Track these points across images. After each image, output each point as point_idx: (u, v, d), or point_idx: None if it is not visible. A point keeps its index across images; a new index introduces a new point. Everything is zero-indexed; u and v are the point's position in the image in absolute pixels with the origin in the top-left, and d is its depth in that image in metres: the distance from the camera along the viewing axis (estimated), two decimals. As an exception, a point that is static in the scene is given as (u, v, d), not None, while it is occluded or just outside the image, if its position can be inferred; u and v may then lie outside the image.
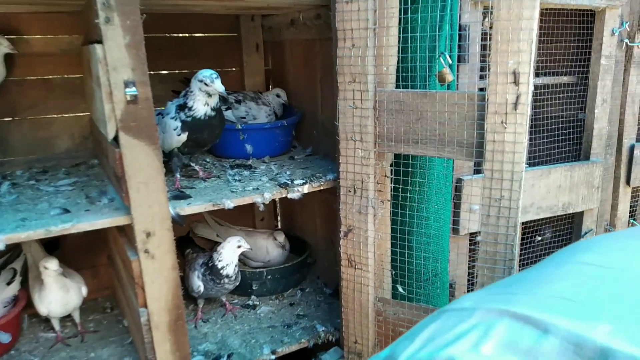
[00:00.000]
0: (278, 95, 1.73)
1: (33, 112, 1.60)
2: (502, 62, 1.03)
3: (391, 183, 1.31)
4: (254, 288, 1.72)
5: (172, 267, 1.18)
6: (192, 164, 1.47)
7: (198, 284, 1.49)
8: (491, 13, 1.02)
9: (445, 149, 1.16)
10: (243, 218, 2.02)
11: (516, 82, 1.02)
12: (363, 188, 1.29)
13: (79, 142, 1.68)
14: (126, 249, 1.21)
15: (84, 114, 1.67)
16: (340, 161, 1.31)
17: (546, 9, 1.54)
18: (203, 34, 1.81)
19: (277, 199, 2.08)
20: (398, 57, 1.26)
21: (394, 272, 1.37)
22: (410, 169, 1.33)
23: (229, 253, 1.49)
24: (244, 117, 1.67)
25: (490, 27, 1.03)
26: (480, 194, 1.13)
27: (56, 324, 1.50)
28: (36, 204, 1.24)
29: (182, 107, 1.31)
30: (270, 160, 1.64)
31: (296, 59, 1.77)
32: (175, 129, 1.30)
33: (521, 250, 1.69)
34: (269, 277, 1.72)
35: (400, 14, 1.21)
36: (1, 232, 1.05)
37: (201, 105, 1.30)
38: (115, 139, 1.10)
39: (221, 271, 1.48)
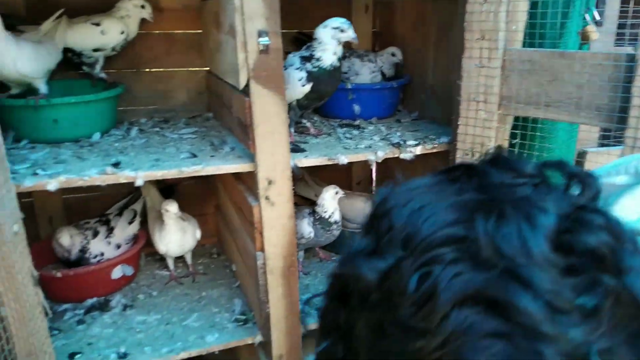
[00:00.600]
0: (393, 54, 1.70)
1: (155, 65, 1.69)
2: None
3: (511, 147, 1.27)
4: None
5: (289, 215, 1.22)
6: (304, 121, 1.49)
7: (309, 230, 1.53)
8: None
9: (580, 114, 1.09)
10: (339, 181, 2.03)
11: None
12: (482, 152, 1.25)
13: (194, 97, 1.77)
14: (246, 196, 1.27)
15: (201, 69, 1.74)
16: (459, 123, 1.27)
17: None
18: (315, -7, 1.82)
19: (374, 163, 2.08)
20: (531, 13, 1.19)
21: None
22: (529, 133, 1.27)
23: (330, 201, 1.54)
24: (346, 73, 1.66)
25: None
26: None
27: (171, 264, 1.62)
28: (164, 148, 1.32)
29: (307, 59, 1.33)
30: (378, 121, 1.63)
31: (407, 20, 1.72)
32: (300, 80, 1.32)
33: None
34: (367, 238, 1.73)
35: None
36: (139, 170, 1.13)
37: (330, 54, 1.31)
38: (245, 88, 1.14)
39: (329, 219, 1.52)
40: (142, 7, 1.50)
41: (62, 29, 1.38)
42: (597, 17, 1.14)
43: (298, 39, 1.70)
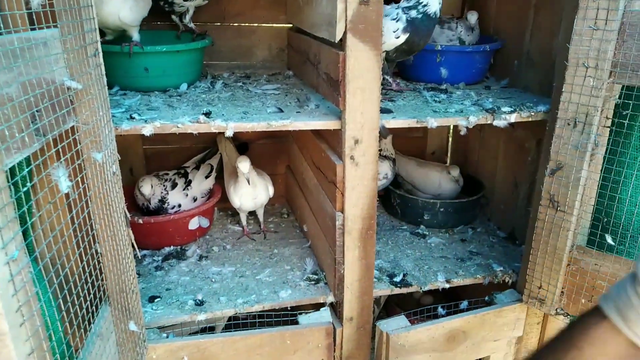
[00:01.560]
0: (467, 19, 1.60)
1: (238, 20, 1.68)
2: None
3: (615, 119, 1.16)
4: (425, 218, 1.69)
5: (372, 177, 1.19)
6: (387, 77, 1.43)
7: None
8: None
9: None
10: (413, 151, 1.98)
11: None
12: (587, 122, 1.15)
13: (275, 54, 1.75)
14: (329, 154, 1.24)
15: (283, 25, 1.71)
16: (563, 90, 1.17)
17: None
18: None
19: (451, 132, 2.00)
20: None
21: (604, 220, 1.23)
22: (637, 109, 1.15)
23: (390, 146, 1.67)
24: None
25: None
26: None
27: (243, 219, 1.64)
28: (250, 102, 1.31)
29: (411, 7, 1.29)
30: (465, 87, 1.55)
31: (505, -21, 1.61)
32: (395, 31, 1.27)
33: None
34: (442, 209, 1.68)
35: None
36: (230, 120, 1.13)
37: (436, 2, 1.26)
38: (340, 42, 1.09)
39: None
40: None
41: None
42: None
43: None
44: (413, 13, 1.27)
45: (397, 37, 1.27)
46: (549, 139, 1.23)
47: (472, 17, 1.61)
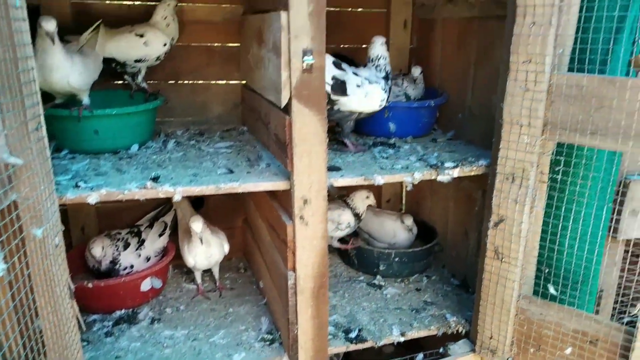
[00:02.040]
0: (415, 73, 1.69)
1: (193, 77, 1.71)
2: None
3: (550, 174, 1.23)
4: (380, 268, 1.71)
5: (322, 235, 1.21)
6: (346, 139, 1.47)
7: (350, 219, 1.68)
8: None
9: (629, 142, 1.05)
10: (369, 197, 2.01)
11: None
12: (524, 177, 1.21)
13: (230, 109, 1.77)
14: (280, 214, 1.26)
15: (237, 82, 1.75)
16: (500, 146, 1.24)
17: None
18: (353, 9, 1.81)
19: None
20: (577, 37, 1.15)
21: (546, 270, 1.28)
22: (573, 160, 1.23)
23: (360, 202, 1.69)
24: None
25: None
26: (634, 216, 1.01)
27: (198, 277, 1.61)
28: (201, 162, 1.32)
29: (386, 77, 1.43)
30: (413, 140, 1.61)
31: (447, 38, 1.70)
32: (381, 100, 1.40)
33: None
34: (397, 259, 1.70)
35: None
36: (178, 185, 1.13)
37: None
38: (286, 107, 1.13)
39: (360, 216, 1.69)
40: (168, 5, 1.50)
41: (102, 39, 1.40)
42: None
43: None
44: (390, 83, 1.43)
45: (381, 106, 1.39)
46: (490, 193, 1.29)
47: (416, 71, 1.69)
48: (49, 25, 1.13)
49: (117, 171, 1.21)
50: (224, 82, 1.74)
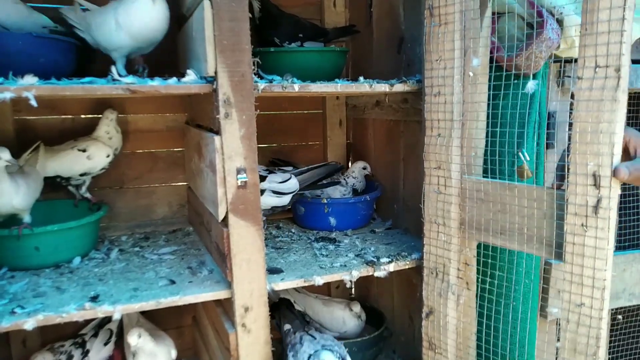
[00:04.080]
0: (364, 168, 1.80)
1: (137, 182, 1.76)
2: (581, 163, 0.98)
3: (479, 265, 1.32)
4: (331, 360, 1.72)
5: (265, 341, 1.24)
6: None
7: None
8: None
9: (528, 244, 1.13)
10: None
11: (597, 185, 0.96)
12: (444, 272, 1.30)
13: (176, 210, 1.82)
14: (222, 321, 1.28)
15: (182, 184, 1.81)
16: (424, 242, 1.33)
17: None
18: (291, 112, 1.95)
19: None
20: (487, 140, 1.29)
21: (481, 358, 1.34)
22: (499, 251, 1.33)
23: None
24: (319, 196, 1.74)
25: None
26: (559, 297, 1.08)
27: (146, 385, 1.57)
28: (144, 272, 1.35)
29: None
30: (353, 233, 1.69)
31: (378, 136, 1.85)
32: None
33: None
34: (347, 349, 1.72)
35: (488, 101, 1.25)
36: (117, 303, 1.14)
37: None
38: (224, 219, 1.19)
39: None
40: (109, 116, 1.57)
41: (42, 159, 1.45)
42: (527, 158, 1.25)
43: (274, 162, 1.82)
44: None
45: None
46: (421, 285, 1.36)
47: (368, 167, 1.80)
48: (6, 155, 1.19)
49: (56, 290, 1.22)
50: (168, 184, 1.80)
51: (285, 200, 1.57)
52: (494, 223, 1.19)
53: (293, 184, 1.58)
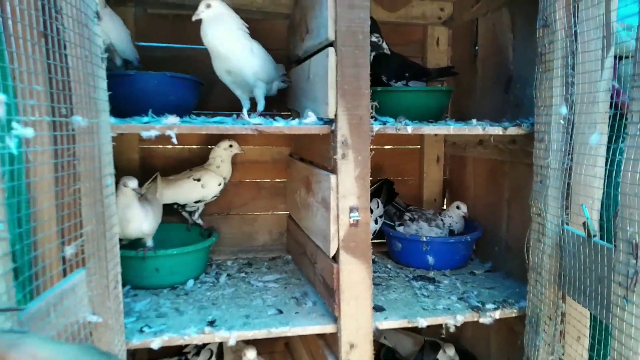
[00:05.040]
0: (458, 207, 1.77)
1: (243, 210, 1.86)
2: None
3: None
4: (424, 402, 1.69)
5: (369, 379, 1.24)
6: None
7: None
8: None
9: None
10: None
11: (634, 255, 0.86)
12: (537, 323, 1.24)
13: (276, 238, 1.89)
14: (326, 355, 1.30)
15: (283, 213, 1.88)
16: (528, 290, 1.28)
17: None
18: (389, 146, 1.97)
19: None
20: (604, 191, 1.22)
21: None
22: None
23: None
24: (417, 233, 1.73)
25: None
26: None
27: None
28: (252, 299, 1.41)
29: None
30: (451, 273, 1.66)
31: (479, 175, 1.82)
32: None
33: None
34: (440, 393, 1.68)
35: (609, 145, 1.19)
36: (233, 329, 1.20)
37: None
38: (334, 255, 1.23)
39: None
40: (231, 146, 1.67)
41: (160, 188, 1.57)
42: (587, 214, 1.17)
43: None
44: None
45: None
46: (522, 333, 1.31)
47: (464, 207, 1.75)
48: (134, 183, 1.32)
49: (175, 312, 1.31)
50: (270, 212, 1.88)
51: (376, 226, 1.61)
52: (578, 280, 1.09)
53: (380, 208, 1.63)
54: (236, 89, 1.42)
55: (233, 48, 1.30)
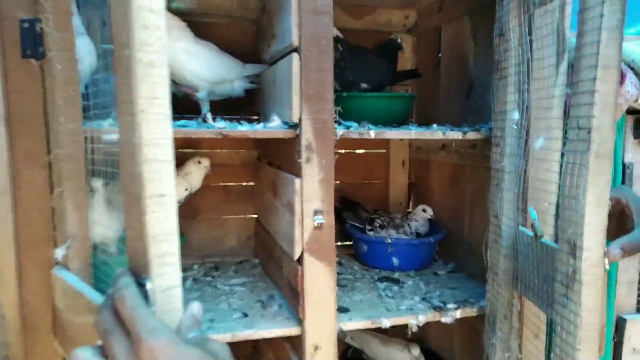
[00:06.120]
0: (424, 210, 1.82)
1: (210, 214, 1.85)
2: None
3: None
4: (389, 402, 1.72)
5: (333, 381, 1.26)
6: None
7: None
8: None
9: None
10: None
11: (573, 255, 0.91)
12: (494, 322, 1.28)
13: (243, 241, 1.89)
14: (292, 358, 1.32)
15: (251, 216, 1.89)
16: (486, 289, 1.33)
17: None
18: (355, 150, 2.01)
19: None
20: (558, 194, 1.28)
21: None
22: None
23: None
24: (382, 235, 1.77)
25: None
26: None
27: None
28: (217, 303, 1.41)
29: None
30: (415, 274, 1.70)
31: (443, 178, 1.86)
32: None
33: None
34: (406, 393, 1.71)
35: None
36: (197, 332, 1.21)
37: None
38: (299, 258, 1.24)
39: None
40: (199, 162, 1.67)
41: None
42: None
43: (343, 201, 1.88)
44: None
45: None
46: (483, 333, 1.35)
47: (429, 210, 1.79)
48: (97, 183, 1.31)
49: (140, 317, 1.29)
50: (237, 217, 1.88)
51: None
52: (529, 279, 1.14)
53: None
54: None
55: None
